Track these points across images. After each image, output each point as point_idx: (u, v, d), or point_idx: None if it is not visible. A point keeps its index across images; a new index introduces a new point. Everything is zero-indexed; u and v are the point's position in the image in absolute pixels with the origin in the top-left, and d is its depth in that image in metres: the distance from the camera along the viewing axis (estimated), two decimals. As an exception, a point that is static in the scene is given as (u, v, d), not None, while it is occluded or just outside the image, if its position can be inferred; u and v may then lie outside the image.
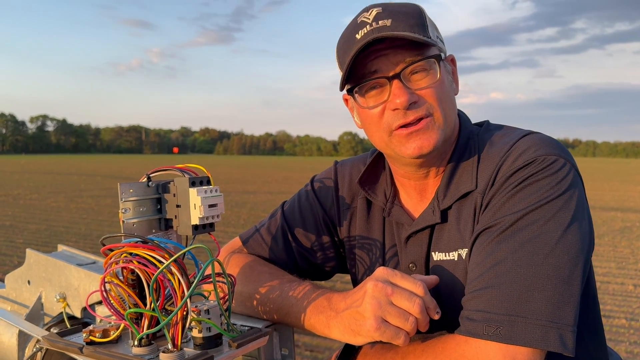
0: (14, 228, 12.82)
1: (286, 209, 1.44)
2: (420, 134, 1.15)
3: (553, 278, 0.98)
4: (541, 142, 1.12)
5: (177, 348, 0.82)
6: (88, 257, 1.42)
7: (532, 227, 1.02)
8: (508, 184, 1.08)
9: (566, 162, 1.09)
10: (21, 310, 1.52)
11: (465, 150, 1.22)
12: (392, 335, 0.97)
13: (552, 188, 1.05)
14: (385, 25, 1.13)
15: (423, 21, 1.16)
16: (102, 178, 33.45)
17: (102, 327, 0.91)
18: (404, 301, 0.97)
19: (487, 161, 1.17)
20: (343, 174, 1.43)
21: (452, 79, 1.25)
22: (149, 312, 0.83)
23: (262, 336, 0.93)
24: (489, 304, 0.98)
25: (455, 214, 1.18)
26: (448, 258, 1.17)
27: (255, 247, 1.40)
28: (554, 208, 1.03)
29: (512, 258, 1.00)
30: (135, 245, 0.82)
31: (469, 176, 1.18)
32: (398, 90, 1.13)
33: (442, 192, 1.21)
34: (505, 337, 0.95)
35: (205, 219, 0.91)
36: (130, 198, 0.91)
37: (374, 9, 1.17)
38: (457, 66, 1.29)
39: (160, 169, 0.95)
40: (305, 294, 1.12)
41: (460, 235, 1.16)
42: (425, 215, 1.23)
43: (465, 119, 1.29)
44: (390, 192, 1.33)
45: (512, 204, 1.05)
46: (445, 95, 1.17)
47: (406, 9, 1.17)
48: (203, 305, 0.86)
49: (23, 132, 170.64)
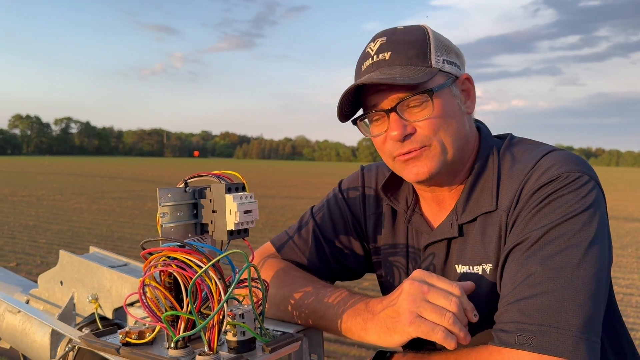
0: (37, 228, 13.04)
1: (316, 214, 1.47)
2: (417, 162, 1.20)
3: (582, 290, 0.99)
4: (565, 159, 1.14)
5: (213, 351, 0.84)
6: (120, 260, 1.45)
7: (560, 240, 1.04)
8: (533, 200, 1.10)
9: (590, 179, 1.11)
10: (53, 310, 1.56)
11: (485, 166, 1.25)
12: (428, 330, 0.96)
13: (577, 202, 1.07)
14: (384, 59, 1.19)
15: (425, 49, 1.19)
16: (123, 180, 33.86)
17: (138, 329, 0.93)
18: (440, 299, 0.98)
19: (509, 179, 1.19)
20: (370, 180, 1.47)
21: (462, 101, 1.25)
22: (186, 315, 0.84)
23: (294, 341, 0.95)
24: (521, 315, 0.99)
25: (480, 229, 1.21)
26: (472, 271, 1.20)
27: (288, 252, 1.43)
28: (579, 222, 1.05)
29: (542, 271, 1.02)
30: (175, 249, 0.83)
31: (488, 194, 1.21)
32: (394, 124, 1.19)
33: (461, 207, 1.24)
34: (537, 346, 0.96)
35: (241, 225, 0.93)
36: (168, 203, 0.93)
37: (379, 39, 1.22)
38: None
39: (197, 174, 0.98)
40: (342, 299, 1.13)
41: (485, 250, 1.19)
42: (443, 228, 1.27)
43: (486, 133, 1.31)
44: (412, 200, 1.37)
45: (538, 218, 1.08)
46: (445, 123, 1.20)
47: (410, 36, 1.20)
48: (238, 309, 0.88)
49: (47, 133, 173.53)
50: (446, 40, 1.25)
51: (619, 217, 17.04)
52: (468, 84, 1.26)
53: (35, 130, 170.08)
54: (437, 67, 1.19)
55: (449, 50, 1.23)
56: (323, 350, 1.11)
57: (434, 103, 1.17)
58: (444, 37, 1.26)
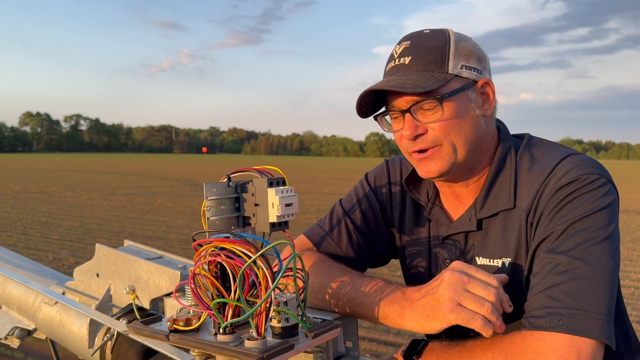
0: (49, 224, 13.17)
1: (345, 206, 1.55)
2: (428, 161, 1.30)
3: (605, 278, 1.08)
4: (583, 163, 1.22)
5: (261, 336, 0.88)
6: (154, 252, 1.50)
7: (582, 233, 1.12)
8: (554, 200, 1.18)
9: (607, 182, 1.19)
10: (89, 301, 1.61)
11: (503, 165, 1.32)
12: (467, 318, 1.01)
13: (596, 201, 1.15)
14: (404, 63, 1.29)
15: (443, 56, 1.27)
16: (133, 176, 34.05)
17: (185, 316, 0.98)
18: (479, 289, 1.03)
19: (528, 178, 1.26)
20: (394, 172, 1.55)
21: (479, 104, 1.31)
22: (234, 302, 0.89)
23: (334, 328, 0.99)
24: (551, 300, 1.06)
25: (502, 224, 1.28)
26: (492, 264, 1.28)
27: (322, 244, 1.49)
28: (598, 218, 1.13)
29: (567, 260, 1.09)
30: (224, 240, 0.88)
31: (506, 192, 1.28)
32: (407, 124, 1.29)
33: (480, 203, 1.32)
34: (568, 328, 1.02)
35: (282, 217, 0.97)
36: (213, 197, 0.98)
37: (404, 43, 1.32)
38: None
39: (238, 170, 1.02)
40: (378, 288, 1.19)
41: (505, 245, 1.27)
42: (462, 221, 1.35)
43: (504, 132, 1.39)
44: (432, 193, 1.45)
45: (560, 215, 1.16)
46: (456, 126, 1.27)
47: (431, 42, 1.28)
48: (282, 297, 0.92)
49: (57, 131, 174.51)
50: (469, 45, 1.31)
51: (629, 211, 16.97)
52: (487, 87, 1.33)
53: (46, 128, 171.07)
54: (454, 72, 1.27)
55: (469, 56, 1.30)
56: (357, 338, 1.15)
57: (443, 107, 1.25)
58: (469, 41, 1.32)
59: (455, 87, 1.27)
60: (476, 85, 1.31)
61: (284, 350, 0.87)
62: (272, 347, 0.86)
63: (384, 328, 5.65)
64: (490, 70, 1.37)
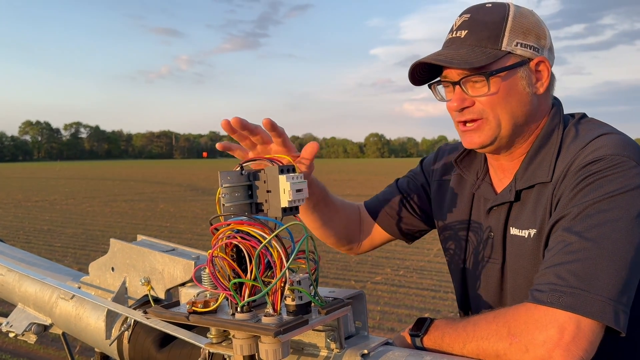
0: (51, 232, 13.21)
1: (399, 182, 1.76)
2: (472, 133, 1.36)
3: (617, 262, 1.07)
4: (615, 143, 1.21)
5: (277, 312, 0.94)
6: (167, 245, 1.55)
7: (599, 215, 1.11)
8: (577, 177, 1.19)
9: (637, 165, 1.17)
10: (105, 295, 1.66)
11: (548, 140, 1.35)
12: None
13: (618, 183, 1.14)
14: (459, 37, 1.34)
15: (498, 32, 1.29)
16: (135, 183, 34.11)
17: (203, 299, 1.03)
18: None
19: (566, 153, 1.29)
20: (444, 153, 1.68)
21: (531, 82, 1.33)
22: (251, 282, 0.94)
23: (345, 305, 1.04)
24: (556, 277, 1.08)
25: (535, 197, 1.31)
26: (521, 234, 1.33)
27: (379, 214, 1.73)
28: (619, 201, 1.12)
29: (579, 241, 1.10)
30: (241, 222, 0.93)
31: (546, 165, 1.31)
32: (455, 95, 1.35)
33: (520, 175, 1.36)
34: (567, 305, 1.04)
35: (293, 202, 1.02)
36: (227, 184, 1.03)
37: (464, 16, 1.36)
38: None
39: (250, 159, 1.08)
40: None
41: (534, 217, 1.30)
42: (504, 193, 1.40)
43: (557, 109, 1.39)
44: (482, 171, 1.51)
45: (581, 196, 1.16)
46: (503, 101, 1.31)
47: (489, 17, 1.31)
48: (295, 276, 0.98)
49: (57, 139, 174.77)
50: (528, 22, 1.32)
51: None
52: (542, 65, 1.34)
53: (46, 136, 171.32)
54: (507, 49, 1.29)
55: (527, 33, 1.31)
56: (367, 317, 1.20)
57: (490, 83, 1.29)
58: (529, 17, 1.33)
59: (506, 64, 1.29)
60: (530, 63, 1.32)
61: (299, 325, 0.93)
62: (287, 322, 0.91)
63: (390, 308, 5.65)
64: (551, 47, 1.37)
